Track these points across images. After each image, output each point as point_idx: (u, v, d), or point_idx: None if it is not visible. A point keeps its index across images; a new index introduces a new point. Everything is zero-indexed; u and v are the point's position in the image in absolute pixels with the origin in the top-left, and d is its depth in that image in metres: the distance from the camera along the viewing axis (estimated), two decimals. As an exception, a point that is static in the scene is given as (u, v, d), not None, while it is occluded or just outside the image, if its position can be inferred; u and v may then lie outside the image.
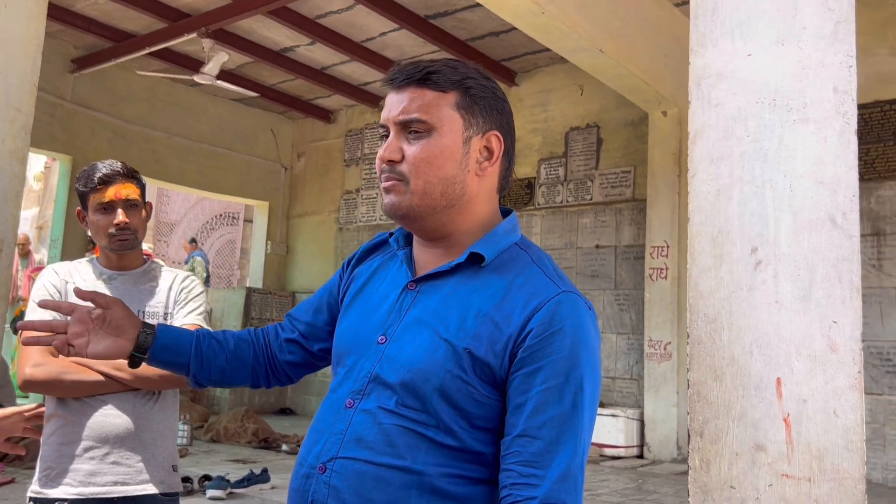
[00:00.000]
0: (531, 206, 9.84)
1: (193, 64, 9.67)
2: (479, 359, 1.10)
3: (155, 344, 1.33)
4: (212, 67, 8.76)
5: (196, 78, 9.01)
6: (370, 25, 8.99)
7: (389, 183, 1.17)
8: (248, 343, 1.42)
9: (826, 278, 1.79)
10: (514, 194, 9.99)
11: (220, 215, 19.93)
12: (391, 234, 1.32)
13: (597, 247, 9.23)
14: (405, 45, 9.48)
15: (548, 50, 8.22)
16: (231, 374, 1.40)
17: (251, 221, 14.46)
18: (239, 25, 9.04)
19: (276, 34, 9.38)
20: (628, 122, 9.16)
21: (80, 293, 1.33)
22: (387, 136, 1.19)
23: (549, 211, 9.67)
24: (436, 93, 1.17)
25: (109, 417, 1.92)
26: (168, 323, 2.01)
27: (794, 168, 1.85)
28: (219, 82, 9.09)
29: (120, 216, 2.02)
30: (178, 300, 2.08)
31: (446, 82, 1.17)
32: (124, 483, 1.92)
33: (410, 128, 1.16)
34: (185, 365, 1.36)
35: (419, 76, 1.17)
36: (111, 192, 2.03)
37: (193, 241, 13.25)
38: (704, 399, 1.86)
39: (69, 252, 9.54)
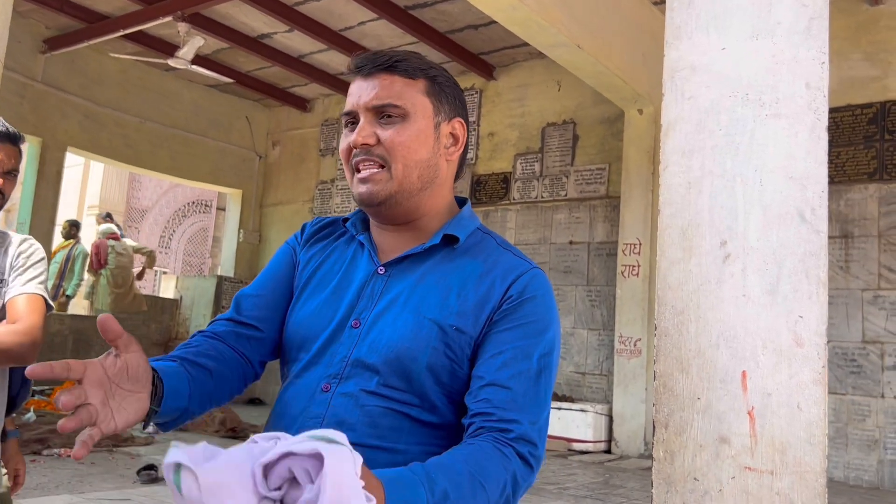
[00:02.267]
0: (506, 200, 9.85)
1: (168, 48, 9.55)
2: (467, 334, 1.13)
3: (165, 390, 1.06)
4: (187, 52, 8.65)
5: (171, 62, 8.90)
6: (349, 14, 8.94)
7: (368, 172, 1.16)
8: (221, 357, 1.24)
9: (793, 273, 1.80)
10: (490, 188, 9.99)
11: (193, 203, 19.73)
12: (345, 220, 1.32)
13: (570, 243, 9.26)
14: (384, 34, 9.44)
15: (526, 45, 8.22)
16: (215, 397, 1.20)
17: (224, 209, 14.33)
18: (216, 10, 8.94)
19: (253, 20, 9.28)
20: (604, 119, 9.20)
21: (104, 325, 0.93)
22: (353, 124, 1.19)
23: (524, 206, 9.69)
24: (406, 79, 1.18)
25: None
26: (3, 291, 1.81)
27: (765, 163, 1.85)
28: (194, 67, 8.98)
29: None
30: (15, 266, 1.84)
31: (415, 70, 1.19)
32: None
33: (384, 112, 1.16)
34: (183, 408, 1.10)
35: (389, 63, 1.18)
36: None
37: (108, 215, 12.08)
38: (670, 391, 1.86)
39: (36, 236, 9.36)
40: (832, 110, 7.44)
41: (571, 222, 9.30)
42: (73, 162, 14.69)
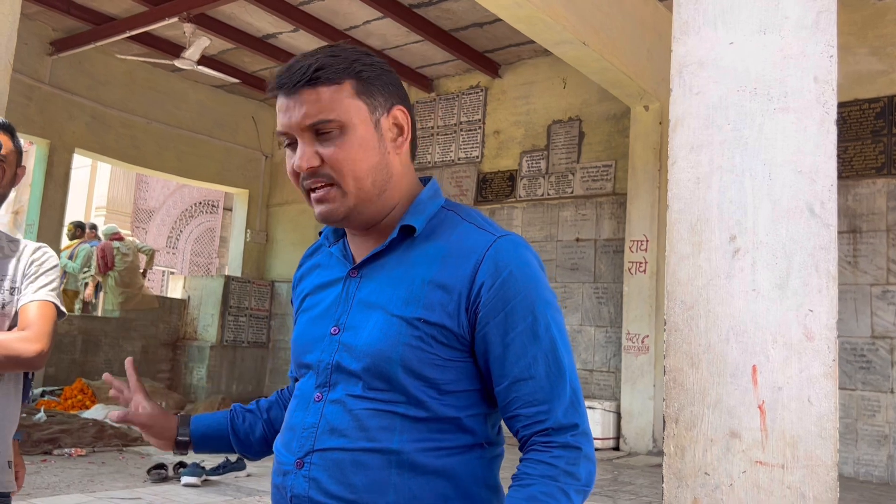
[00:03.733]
0: (512, 198, 9.85)
1: (174, 49, 9.58)
2: (436, 324, 1.10)
3: (193, 442, 1.37)
4: (193, 52, 8.67)
5: (177, 63, 8.92)
6: (354, 13, 8.94)
7: (322, 192, 1.13)
8: (278, 405, 1.41)
9: (803, 267, 1.80)
10: (496, 186, 9.99)
11: (200, 203, 19.79)
12: (320, 233, 1.32)
13: (577, 240, 9.25)
14: (389, 33, 9.44)
15: (532, 42, 8.23)
16: (272, 441, 1.37)
17: (231, 209, 14.35)
18: (221, 11, 8.95)
19: (258, 20, 9.30)
20: (610, 116, 9.19)
21: (117, 419, 1.33)
22: (291, 145, 1.16)
23: (530, 203, 9.69)
24: (331, 87, 1.12)
25: None
26: (15, 299, 1.83)
27: (774, 157, 1.85)
28: (200, 68, 9.00)
29: None
30: (28, 273, 1.85)
31: (337, 73, 1.13)
32: None
33: (319, 130, 1.12)
34: (229, 448, 1.39)
35: (308, 77, 1.12)
36: None
37: (93, 227, 12.16)
38: (680, 386, 1.86)
39: (45, 237, 9.42)
40: (839, 105, 7.39)
41: (578, 219, 9.29)
42: (81, 163, 14.75)
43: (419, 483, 1.09)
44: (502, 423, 1.20)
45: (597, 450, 7.65)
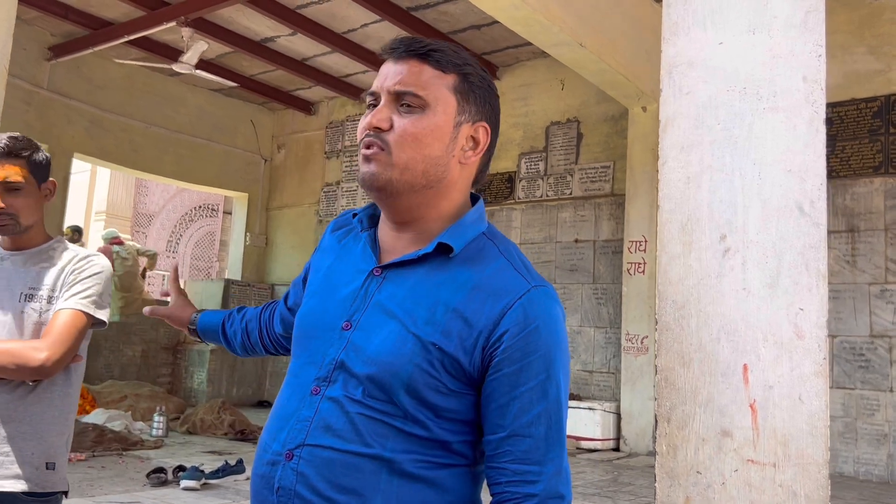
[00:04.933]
0: (511, 199, 9.85)
1: (172, 53, 9.59)
2: (449, 354, 1.09)
3: (198, 332, 1.70)
4: (191, 56, 8.69)
5: (175, 67, 8.93)
6: (351, 16, 8.96)
7: (371, 150, 1.13)
8: (257, 321, 1.60)
9: (793, 266, 1.81)
10: (495, 188, 10.00)
11: (200, 207, 19.80)
12: (355, 215, 1.29)
13: (575, 241, 9.26)
14: (386, 36, 9.44)
15: (529, 44, 8.23)
16: (251, 348, 1.62)
17: (231, 213, 14.36)
18: (219, 14, 8.97)
19: (256, 24, 9.31)
20: (608, 118, 9.20)
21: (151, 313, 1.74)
22: (374, 105, 1.16)
23: (529, 205, 9.70)
24: (435, 71, 1.14)
25: None
26: (53, 307, 1.85)
27: (764, 156, 1.86)
28: (198, 72, 9.02)
29: None
30: (66, 282, 1.87)
31: (448, 63, 1.15)
32: None
33: (403, 100, 1.13)
34: (220, 343, 1.67)
35: (422, 51, 1.14)
36: None
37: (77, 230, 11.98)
38: (672, 385, 1.87)
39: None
40: (836, 105, 7.43)
41: (577, 221, 9.30)
42: (80, 168, 14.77)
43: (406, 491, 1.09)
44: None
45: (597, 451, 7.67)
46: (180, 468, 5.61)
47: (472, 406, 1.12)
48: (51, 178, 1.99)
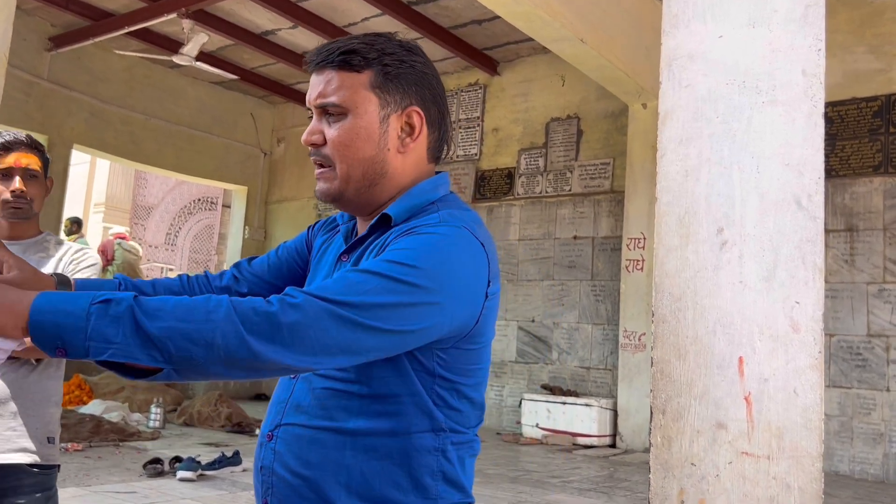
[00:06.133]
0: (510, 195, 9.85)
1: (173, 45, 9.58)
2: None
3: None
4: (191, 49, 8.67)
5: (175, 59, 8.91)
6: (352, 10, 8.94)
7: (319, 170, 1.19)
8: (168, 290, 1.34)
9: (790, 259, 1.81)
10: (494, 184, 10.00)
11: (199, 200, 19.77)
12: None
13: (574, 238, 9.26)
14: (387, 30, 9.42)
15: (530, 40, 8.23)
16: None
17: (230, 206, 14.35)
18: (220, 7, 8.96)
19: (257, 17, 9.30)
20: (608, 114, 9.19)
21: None
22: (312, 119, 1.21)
23: (529, 201, 9.69)
24: (350, 74, 1.16)
25: None
26: None
27: (762, 150, 1.86)
28: (198, 64, 9.00)
29: (17, 183, 2.00)
30: (66, 272, 2.02)
31: (361, 62, 1.16)
32: None
33: (328, 111, 1.17)
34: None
35: (334, 58, 1.16)
36: (11, 159, 2.02)
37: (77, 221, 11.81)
38: (667, 377, 1.87)
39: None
40: (837, 104, 7.43)
41: (576, 217, 9.30)
42: (80, 159, 14.73)
43: (372, 467, 1.09)
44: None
45: (593, 447, 7.68)
46: (177, 459, 5.61)
47: (411, 356, 1.10)
48: (49, 176, 2.16)
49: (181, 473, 5.35)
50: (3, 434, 1.89)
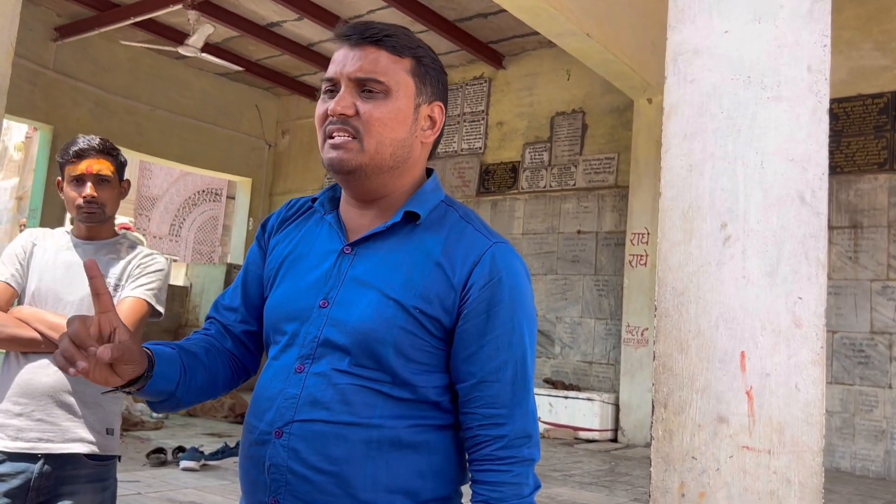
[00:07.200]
0: (514, 189, 9.85)
1: (178, 36, 9.58)
2: (431, 316, 1.14)
3: (155, 373, 1.14)
4: (196, 40, 8.67)
5: (180, 50, 8.92)
6: (358, 2, 8.94)
7: (341, 139, 1.15)
8: (216, 351, 1.30)
9: (793, 255, 1.81)
10: (499, 177, 10.00)
11: (203, 191, 19.80)
12: (314, 200, 1.32)
13: (578, 232, 9.26)
14: (393, 22, 9.43)
15: (536, 34, 8.21)
16: (206, 391, 1.26)
17: (234, 198, 14.37)
18: (225, -2, 8.96)
19: (262, 8, 9.29)
20: (613, 109, 9.18)
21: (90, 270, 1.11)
22: (332, 91, 1.19)
23: (532, 195, 9.69)
24: (392, 56, 1.18)
25: (37, 375, 1.97)
26: (117, 295, 2.05)
27: (766, 145, 1.86)
28: (203, 55, 9.00)
29: (88, 189, 2.08)
30: (132, 274, 2.11)
31: (402, 48, 1.19)
32: (49, 440, 1.95)
33: (365, 86, 1.16)
34: (170, 392, 1.17)
35: (377, 36, 1.17)
36: (83, 166, 2.09)
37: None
38: (669, 371, 1.87)
39: (48, 222, 9.45)
40: (842, 100, 7.41)
41: (580, 212, 9.30)
42: (85, 150, 14.75)
43: (396, 458, 1.12)
44: None
45: (595, 441, 7.70)
46: (180, 449, 5.64)
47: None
48: (126, 178, 2.23)
49: (184, 463, 5.38)
50: (63, 425, 1.96)
